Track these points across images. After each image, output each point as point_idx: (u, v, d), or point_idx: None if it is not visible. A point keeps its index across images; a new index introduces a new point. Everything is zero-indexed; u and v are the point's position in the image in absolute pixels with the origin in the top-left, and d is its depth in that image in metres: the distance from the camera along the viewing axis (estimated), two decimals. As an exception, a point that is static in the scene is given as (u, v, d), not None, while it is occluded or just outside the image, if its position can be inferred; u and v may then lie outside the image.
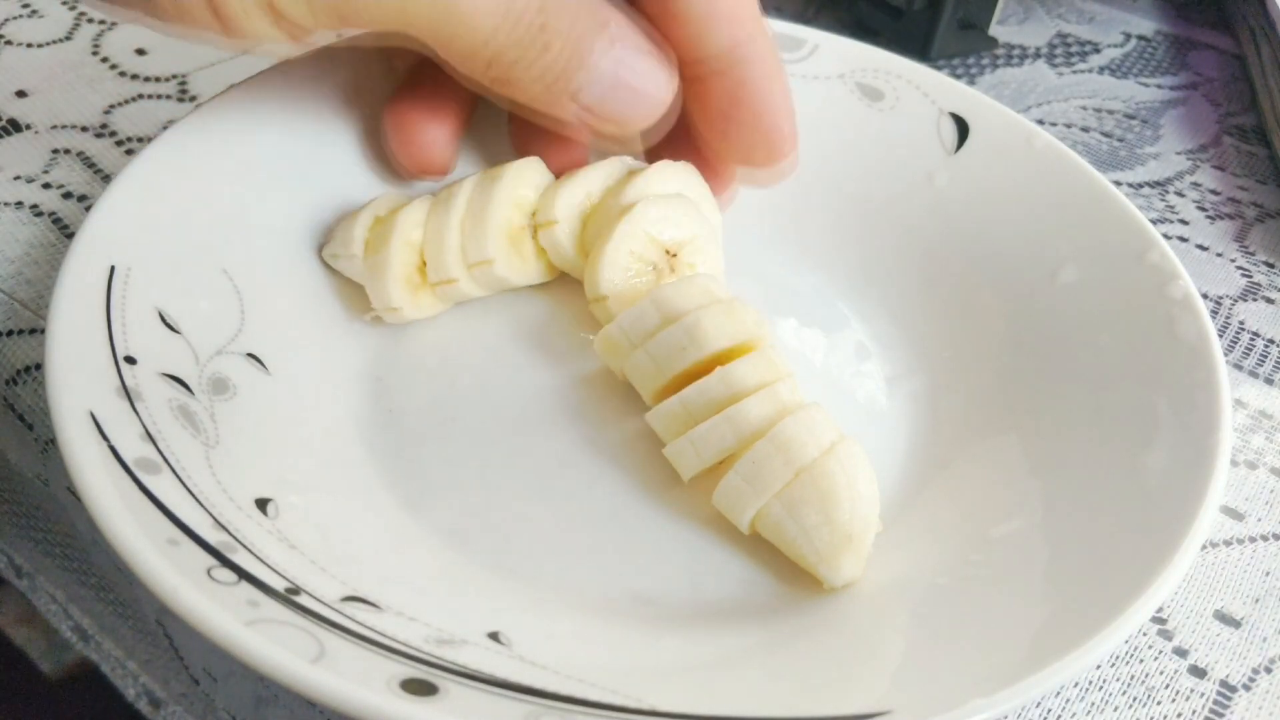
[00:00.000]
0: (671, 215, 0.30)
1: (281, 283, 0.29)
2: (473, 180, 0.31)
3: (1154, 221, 0.40)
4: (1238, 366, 0.34)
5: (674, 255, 0.31)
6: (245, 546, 0.21)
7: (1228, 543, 0.29)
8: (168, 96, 0.39)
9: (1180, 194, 0.42)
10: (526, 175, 0.31)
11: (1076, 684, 0.26)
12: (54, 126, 0.37)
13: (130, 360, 0.24)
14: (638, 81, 0.27)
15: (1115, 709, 0.25)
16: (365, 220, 0.30)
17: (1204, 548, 0.29)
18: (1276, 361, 0.35)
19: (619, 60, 0.26)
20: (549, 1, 0.25)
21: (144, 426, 0.22)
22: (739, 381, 0.26)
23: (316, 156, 0.31)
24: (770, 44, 0.28)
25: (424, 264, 0.30)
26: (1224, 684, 0.26)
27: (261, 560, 0.21)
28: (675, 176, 0.32)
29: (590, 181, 0.32)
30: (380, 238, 0.29)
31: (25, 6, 0.43)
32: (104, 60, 0.41)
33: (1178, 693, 0.25)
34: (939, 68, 0.45)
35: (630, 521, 0.27)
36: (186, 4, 0.22)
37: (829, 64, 0.36)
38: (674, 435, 0.27)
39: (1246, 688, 0.26)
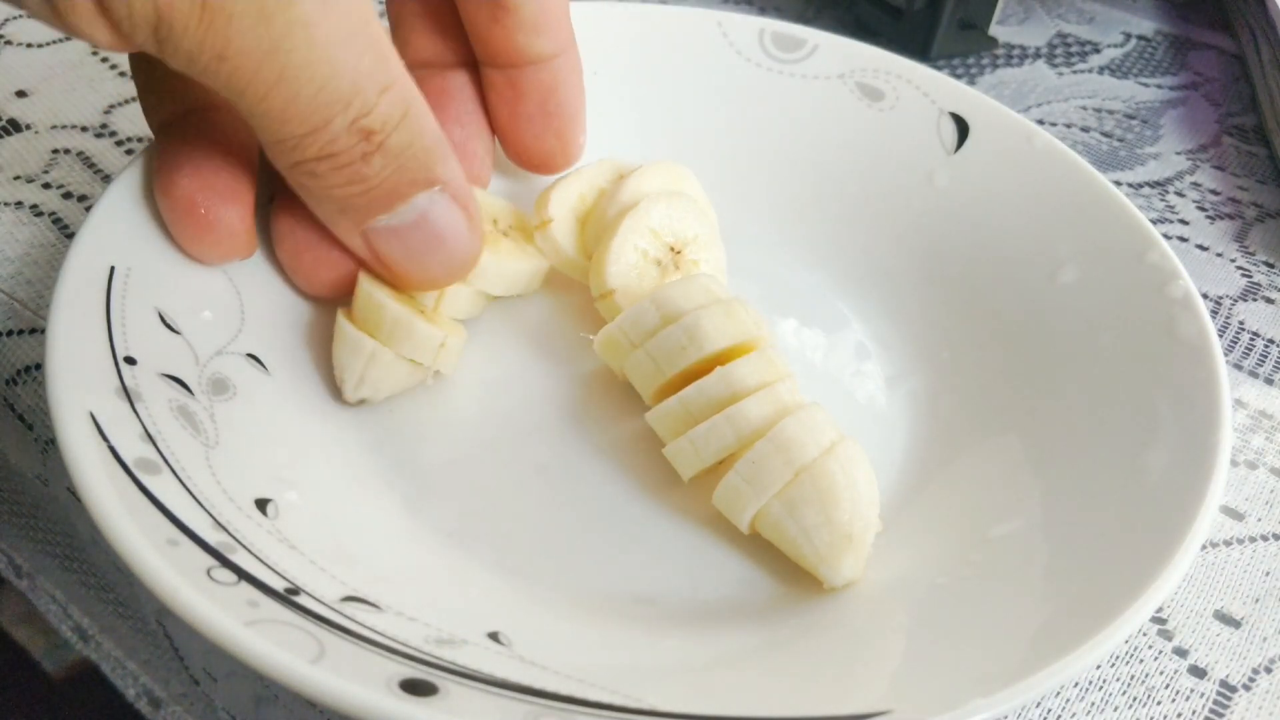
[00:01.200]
0: (676, 212, 0.30)
1: (281, 283, 0.29)
2: None
3: (1154, 221, 0.40)
4: (1238, 366, 0.34)
5: (678, 252, 0.31)
6: (245, 547, 0.21)
7: (1228, 543, 0.29)
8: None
9: (1180, 194, 0.41)
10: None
11: (1076, 684, 0.26)
12: (54, 126, 0.37)
13: (130, 360, 0.24)
14: (445, 238, 0.26)
15: (1115, 709, 0.25)
16: (354, 348, 0.28)
17: (1204, 548, 0.29)
18: (1276, 361, 0.35)
19: (438, 211, 0.25)
20: (395, 125, 0.23)
21: (144, 427, 0.22)
22: (739, 381, 0.26)
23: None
24: (578, 55, 0.31)
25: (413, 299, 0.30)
26: (1224, 684, 0.26)
27: (261, 560, 0.21)
28: (668, 175, 0.32)
29: (583, 182, 0.32)
30: (371, 327, 0.28)
31: (25, 6, 0.43)
32: (104, 60, 0.41)
33: (1178, 693, 0.25)
34: (939, 68, 0.45)
35: (630, 521, 0.27)
36: None
37: (829, 64, 0.36)
38: (674, 435, 0.27)
39: (1246, 688, 0.26)
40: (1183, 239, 0.39)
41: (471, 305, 0.30)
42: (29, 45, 0.41)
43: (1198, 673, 0.26)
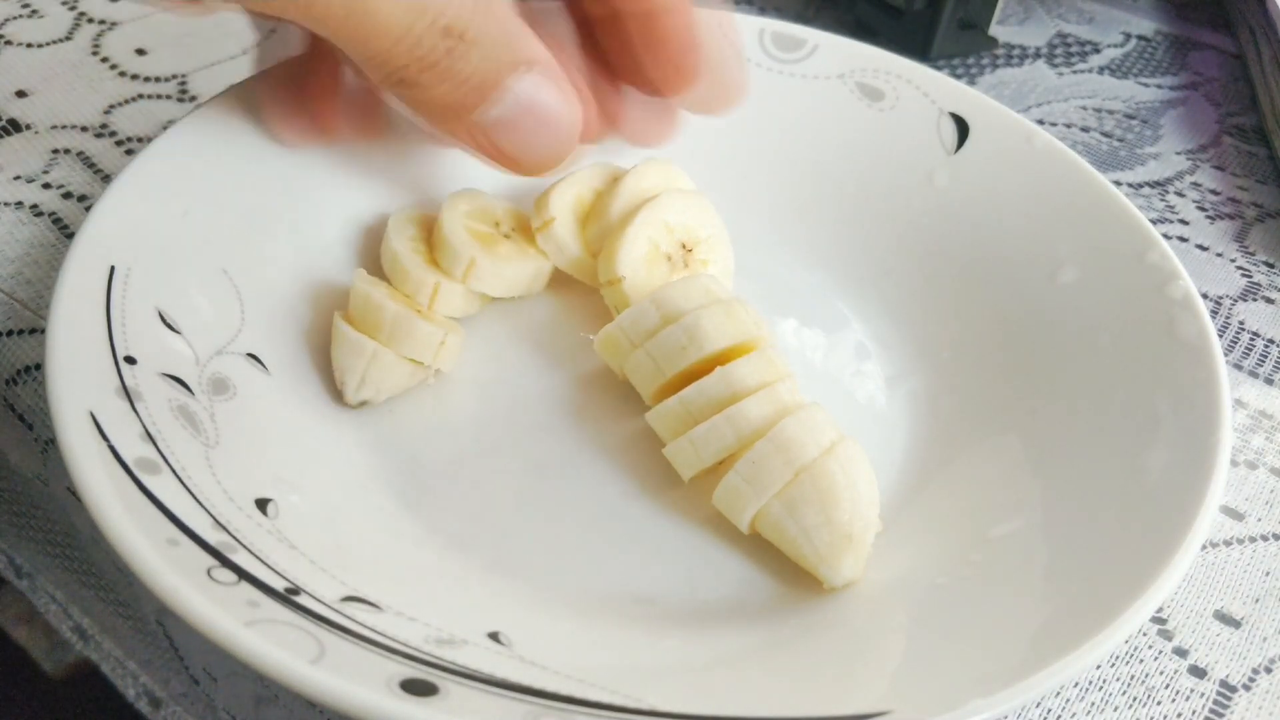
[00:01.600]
0: (693, 210, 0.31)
1: (281, 282, 0.29)
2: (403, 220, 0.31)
3: (1154, 221, 0.40)
4: (1238, 366, 0.34)
5: (689, 250, 0.31)
6: (245, 546, 0.21)
7: (1228, 543, 0.29)
8: (168, 96, 0.39)
9: (1180, 194, 0.41)
10: (467, 196, 0.31)
11: (1076, 684, 0.25)
12: (54, 126, 0.37)
13: (130, 360, 0.24)
14: (547, 116, 0.26)
15: (1115, 709, 0.25)
16: (356, 352, 0.28)
17: (1204, 548, 0.29)
18: (1276, 361, 0.35)
19: (533, 91, 0.25)
20: (473, 17, 0.24)
21: (144, 426, 0.22)
22: (739, 382, 0.26)
23: (316, 155, 0.31)
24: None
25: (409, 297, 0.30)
26: (1224, 684, 0.26)
27: (261, 560, 0.21)
28: (662, 174, 0.32)
29: (579, 184, 0.32)
30: (372, 329, 0.28)
31: (25, 6, 0.43)
32: (104, 60, 0.41)
33: (1178, 693, 0.25)
34: (939, 68, 0.45)
35: (630, 521, 0.27)
36: None
37: (829, 64, 0.36)
38: (674, 435, 0.27)
39: (1246, 688, 0.26)
40: (1183, 239, 0.39)
41: (467, 304, 0.30)
42: (29, 45, 0.41)
43: (1198, 673, 0.26)
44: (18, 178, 0.35)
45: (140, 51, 0.41)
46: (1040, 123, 0.44)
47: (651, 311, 0.28)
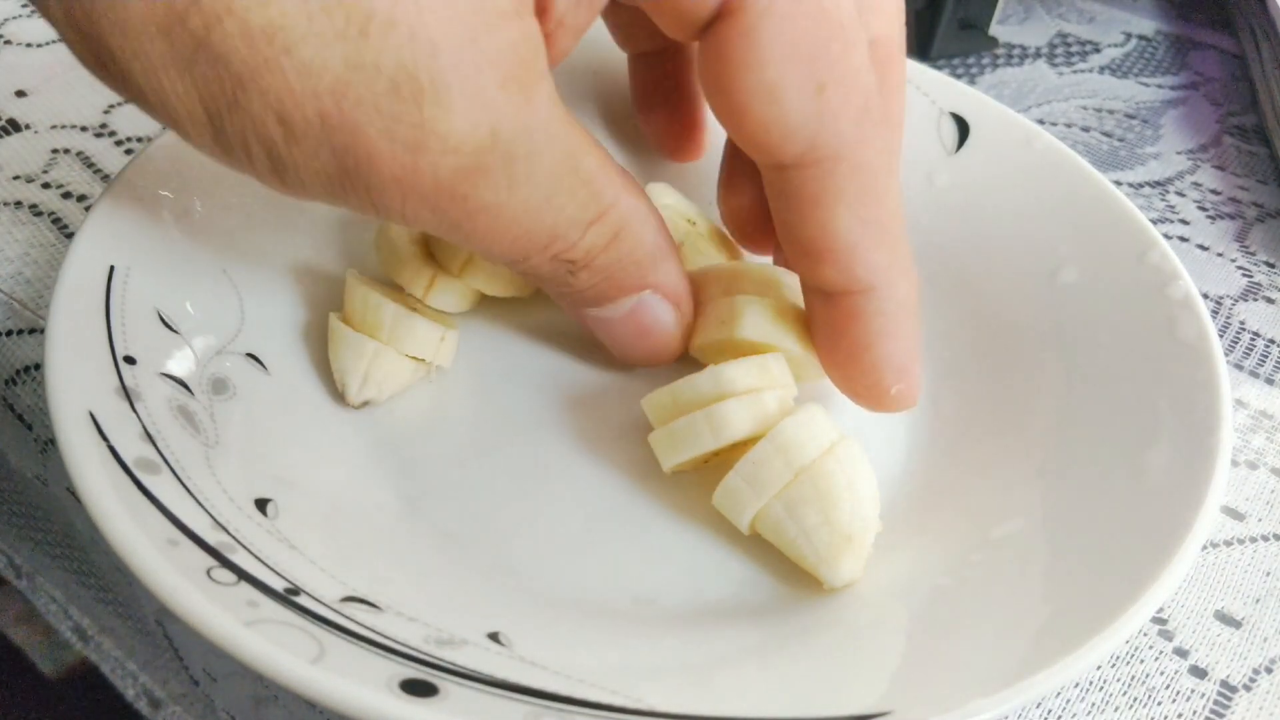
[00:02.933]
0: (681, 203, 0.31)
1: (281, 282, 0.29)
2: None
3: (1154, 221, 0.40)
4: (1238, 367, 0.34)
5: (694, 223, 0.32)
6: (245, 547, 0.21)
7: (1228, 543, 0.29)
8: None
9: (1181, 194, 0.41)
10: None
11: (1077, 684, 0.25)
12: (54, 126, 0.37)
13: (130, 360, 0.24)
14: (652, 333, 0.26)
15: (1116, 709, 0.25)
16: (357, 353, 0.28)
17: (1204, 548, 0.29)
18: (1277, 362, 0.35)
19: (643, 310, 0.26)
20: (594, 252, 0.23)
21: (143, 426, 0.22)
22: (727, 383, 0.26)
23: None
24: (908, 289, 0.24)
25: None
26: (1225, 684, 0.26)
27: (261, 560, 0.21)
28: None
29: None
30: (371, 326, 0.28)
31: (25, 6, 0.43)
32: (104, 60, 0.41)
33: (1178, 693, 0.25)
34: (939, 67, 0.45)
35: (630, 522, 0.27)
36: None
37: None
38: (661, 424, 0.27)
39: (1247, 688, 0.26)
40: (1183, 239, 0.39)
41: (461, 300, 0.30)
42: (29, 45, 0.41)
43: (1198, 673, 0.26)
44: (17, 177, 0.35)
45: (140, 51, 0.41)
46: (1041, 122, 0.44)
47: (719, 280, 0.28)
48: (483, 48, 0.19)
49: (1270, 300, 0.37)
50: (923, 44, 0.46)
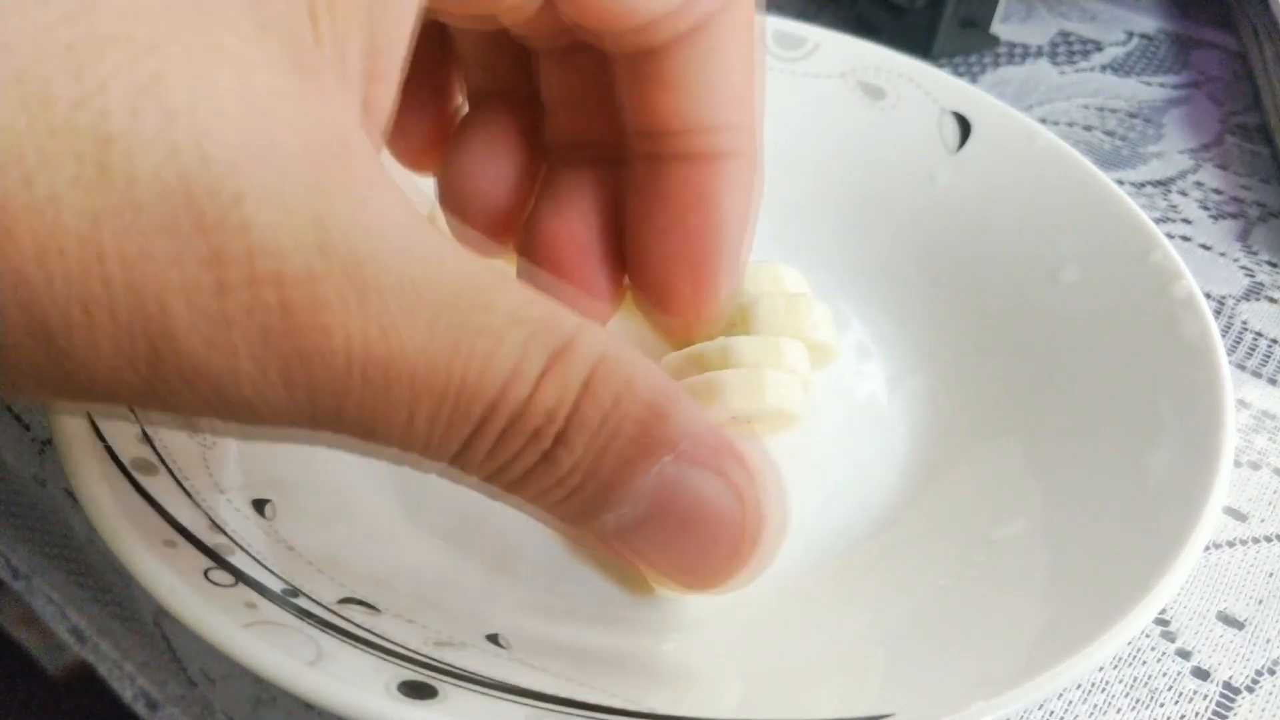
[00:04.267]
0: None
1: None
2: None
3: (1157, 221, 0.39)
4: (1241, 367, 0.34)
5: None
6: (243, 548, 0.21)
7: (1231, 544, 0.29)
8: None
9: (1183, 193, 0.41)
10: None
11: (1079, 686, 0.25)
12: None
13: (127, 360, 0.24)
14: (699, 515, 0.18)
15: (1118, 711, 0.25)
16: None
17: (1207, 549, 0.29)
18: (1279, 362, 0.34)
19: (674, 484, 0.17)
20: (567, 410, 0.16)
21: (141, 427, 0.22)
22: (735, 357, 0.25)
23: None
24: (754, 170, 0.21)
25: None
26: (1227, 686, 0.26)
27: (259, 562, 0.21)
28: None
29: None
30: None
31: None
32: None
33: (1180, 694, 0.25)
34: (940, 66, 0.45)
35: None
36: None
37: (830, 62, 0.36)
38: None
39: (1250, 689, 0.26)
40: (1185, 238, 0.39)
41: None
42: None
43: (1201, 674, 0.26)
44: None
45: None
46: (1042, 121, 0.44)
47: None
48: (277, 146, 0.14)
49: (1273, 300, 0.37)
50: (924, 42, 0.46)
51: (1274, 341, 0.35)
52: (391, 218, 0.15)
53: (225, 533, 0.21)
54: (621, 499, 0.17)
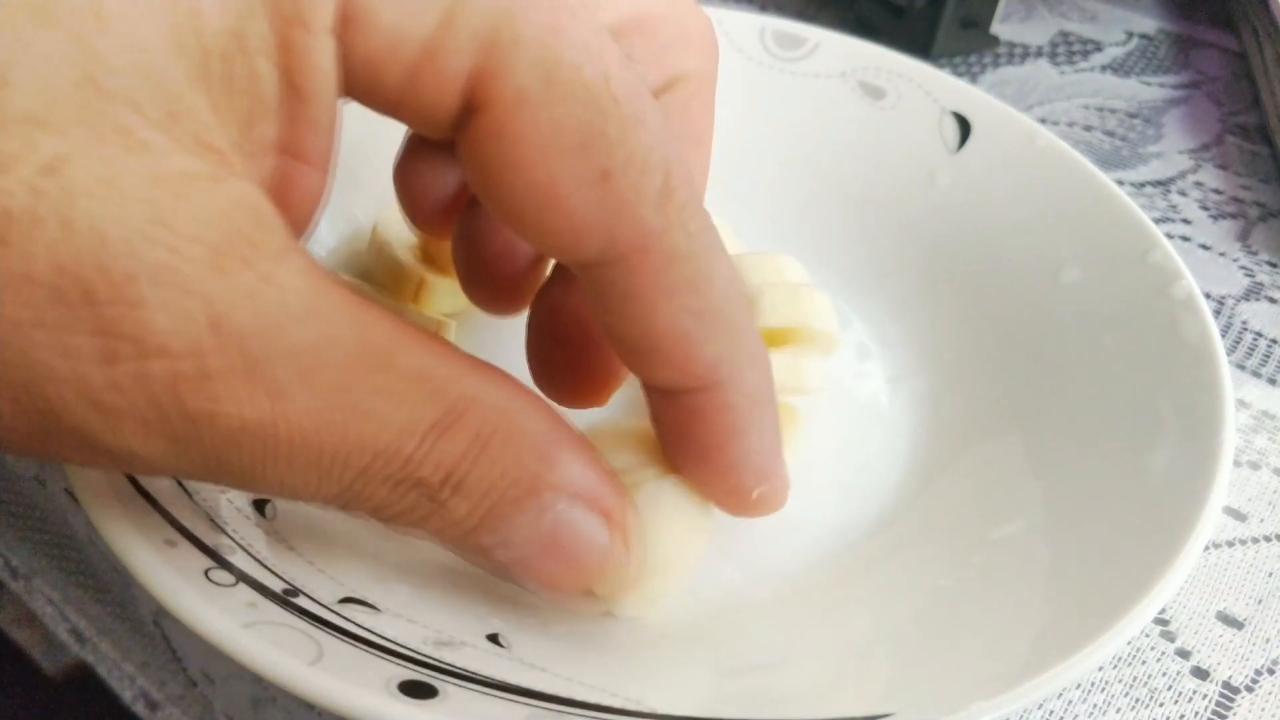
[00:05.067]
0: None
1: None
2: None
3: (1156, 221, 0.39)
4: (1241, 367, 0.34)
5: None
6: (243, 548, 0.21)
7: (1230, 544, 0.29)
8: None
9: (1183, 193, 0.41)
10: None
11: (1079, 685, 0.25)
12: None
13: (128, 360, 0.24)
14: (573, 551, 0.20)
15: (1118, 710, 0.25)
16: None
17: (1207, 549, 0.29)
18: (1279, 362, 0.34)
19: (554, 525, 0.19)
20: (464, 465, 0.18)
21: (141, 427, 0.22)
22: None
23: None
24: (757, 379, 0.20)
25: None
26: (1227, 685, 0.26)
27: (259, 562, 0.21)
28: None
29: None
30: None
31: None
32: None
33: (1180, 694, 0.25)
34: (940, 66, 0.45)
35: (630, 522, 0.27)
36: None
37: (829, 62, 0.36)
38: None
39: (1249, 689, 0.26)
40: (1185, 238, 0.39)
41: (455, 299, 0.30)
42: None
43: (1200, 674, 0.26)
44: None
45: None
46: (1042, 121, 0.44)
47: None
48: (175, 226, 0.15)
49: (1273, 300, 0.37)
50: (924, 42, 0.46)
51: (1274, 341, 0.35)
52: (294, 286, 0.16)
53: (226, 532, 0.21)
54: (510, 536, 0.19)
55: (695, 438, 0.21)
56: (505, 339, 0.31)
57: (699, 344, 0.19)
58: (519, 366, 0.30)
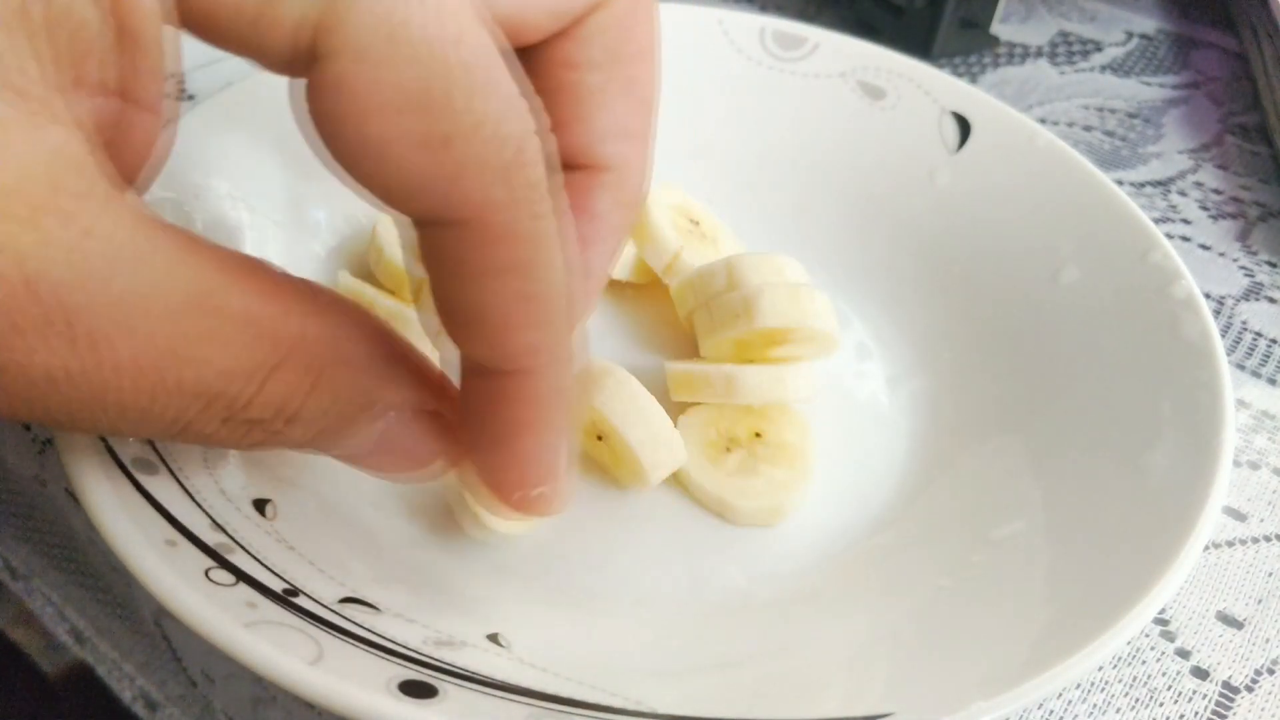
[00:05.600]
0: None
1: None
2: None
3: (1156, 221, 0.39)
4: (1240, 367, 0.34)
5: (698, 223, 0.32)
6: (243, 547, 0.21)
7: (1230, 544, 0.29)
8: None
9: (1183, 193, 0.41)
10: None
11: (1079, 685, 0.25)
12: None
13: (128, 360, 0.24)
14: (404, 456, 0.21)
15: (1118, 710, 0.25)
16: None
17: (1206, 549, 0.29)
18: (1279, 362, 0.34)
19: (385, 437, 0.20)
20: (289, 403, 0.18)
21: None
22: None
23: (313, 157, 0.31)
24: (560, 377, 0.20)
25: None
26: (1226, 685, 0.26)
27: (260, 561, 0.21)
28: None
29: None
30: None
31: None
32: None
33: (1180, 694, 0.25)
34: (940, 66, 0.45)
35: (630, 522, 0.27)
36: None
37: (830, 62, 0.36)
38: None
39: (1249, 689, 0.26)
40: (1185, 238, 0.39)
41: None
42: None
43: (1200, 674, 0.26)
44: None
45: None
46: (1042, 121, 0.44)
47: (721, 275, 0.29)
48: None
49: (1272, 300, 0.37)
50: (924, 42, 0.46)
51: (1273, 341, 0.35)
52: (117, 236, 0.16)
53: (226, 532, 0.21)
54: (346, 445, 0.20)
55: (494, 422, 0.21)
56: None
57: (518, 328, 0.19)
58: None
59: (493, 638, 0.22)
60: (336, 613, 0.21)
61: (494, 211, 0.18)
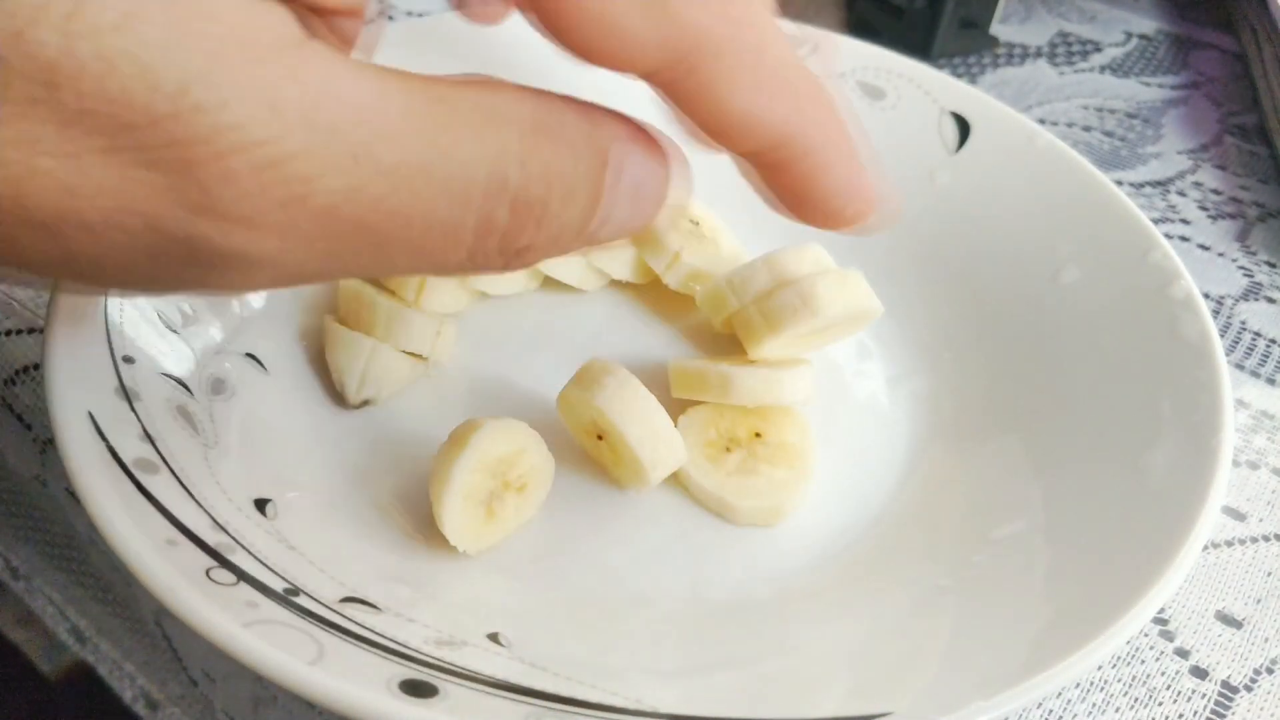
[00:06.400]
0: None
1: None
2: None
3: (1156, 221, 0.39)
4: (1239, 367, 0.34)
5: (697, 223, 0.32)
6: (244, 547, 0.21)
7: (1229, 543, 0.29)
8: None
9: (1182, 193, 0.41)
10: None
11: (1078, 684, 0.25)
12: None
13: (129, 360, 0.24)
14: (653, 193, 0.22)
15: (1117, 710, 0.25)
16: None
17: (1205, 548, 0.29)
18: (1278, 362, 0.34)
19: (632, 182, 0.21)
20: (526, 170, 0.19)
21: (142, 426, 0.22)
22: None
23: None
24: (825, 118, 0.23)
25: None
26: (1225, 685, 0.26)
27: (260, 561, 0.21)
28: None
29: None
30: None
31: None
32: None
33: (1179, 693, 0.25)
34: (940, 67, 0.45)
35: (629, 522, 0.27)
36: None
37: (830, 63, 0.36)
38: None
39: (1248, 688, 0.26)
40: (1184, 239, 0.39)
41: (455, 300, 0.30)
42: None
43: (1199, 673, 0.26)
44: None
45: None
46: (1041, 122, 0.44)
47: (763, 274, 0.29)
48: (205, 34, 0.16)
49: (1271, 300, 0.37)
50: (924, 43, 0.46)
51: (1273, 341, 0.35)
52: (330, 69, 0.17)
53: (227, 532, 0.21)
54: (613, 208, 0.21)
55: (786, 186, 0.24)
56: (505, 338, 0.31)
57: (766, 113, 0.21)
58: (519, 366, 0.30)
59: (493, 637, 0.22)
60: (337, 612, 0.21)
61: (720, 43, 0.20)
